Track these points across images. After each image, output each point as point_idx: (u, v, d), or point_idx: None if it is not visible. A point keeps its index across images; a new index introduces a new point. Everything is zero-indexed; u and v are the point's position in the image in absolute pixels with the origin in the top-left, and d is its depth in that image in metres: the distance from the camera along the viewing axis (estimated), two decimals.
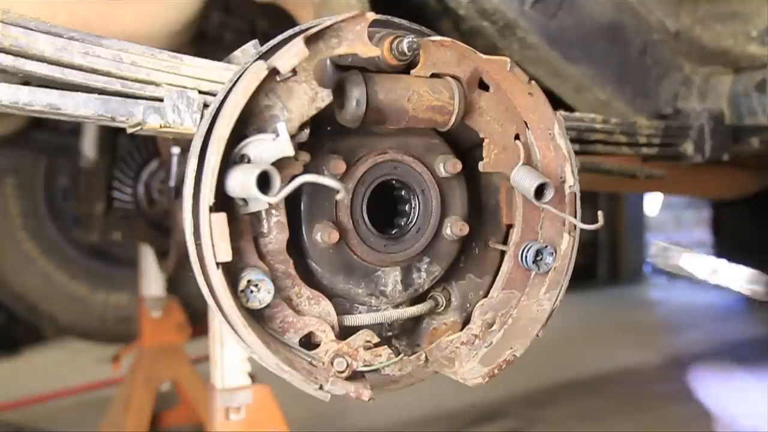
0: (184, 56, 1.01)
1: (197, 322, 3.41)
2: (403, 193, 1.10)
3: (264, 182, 0.83)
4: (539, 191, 1.04)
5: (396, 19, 1.06)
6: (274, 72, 0.90)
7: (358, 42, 0.96)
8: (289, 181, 0.84)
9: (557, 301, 1.08)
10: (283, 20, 1.97)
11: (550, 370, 4.57)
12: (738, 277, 0.98)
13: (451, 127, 1.05)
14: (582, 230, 1.11)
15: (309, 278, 1.02)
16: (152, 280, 3.43)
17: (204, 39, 2.51)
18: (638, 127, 1.75)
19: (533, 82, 1.07)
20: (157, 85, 0.98)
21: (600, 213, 1.01)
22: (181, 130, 0.99)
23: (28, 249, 3.87)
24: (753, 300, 0.96)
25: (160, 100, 0.98)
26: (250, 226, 0.96)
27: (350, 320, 1.04)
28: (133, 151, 3.27)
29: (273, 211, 0.96)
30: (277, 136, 0.90)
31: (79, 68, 0.94)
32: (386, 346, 1.03)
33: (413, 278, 1.10)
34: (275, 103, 0.93)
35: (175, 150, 2.51)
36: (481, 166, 1.09)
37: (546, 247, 1.10)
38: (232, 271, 0.92)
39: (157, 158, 3.19)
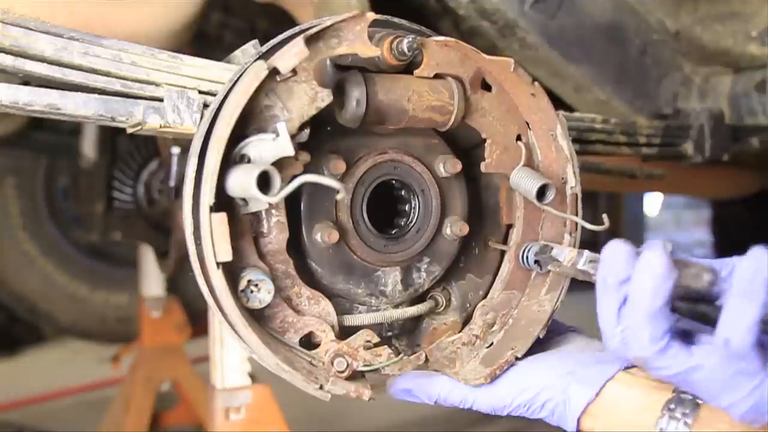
0: (184, 56, 1.01)
1: (197, 322, 3.41)
2: (403, 193, 1.10)
3: (264, 182, 0.83)
4: (541, 192, 1.04)
5: (396, 19, 1.06)
6: (274, 72, 0.91)
7: (358, 42, 0.96)
8: (289, 181, 0.84)
9: (558, 301, 1.08)
10: (283, 20, 1.97)
11: None
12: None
13: (451, 127, 1.05)
14: (582, 230, 1.11)
15: (309, 278, 1.02)
16: (152, 280, 3.43)
17: (204, 39, 2.51)
18: (638, 127, 1.75)
19: (536, 83, 1.07)
20: (157, 85, 0.98)
21: (605, 216, 1.01)
22: (181, 130, 0.99)
23: (28, 249, 3.87)
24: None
25: (160, 100, 0.98)
26: (250, 226, 0.96)
27: (350, 320, 1.04)
28: (133, 151, 3.27)
29: (273, 211, 0.96)
30: (277, 136, 0.90)
31: (79, 68, 0.94)
32: (386, 346, 1.03)
33: (413, 278, 1.10)
34: (275, 103, 0.93)
35: (175, 150, 2.51)
36: (483, 167, 1.09)
37: (546, 245, 1.10)
38: (232, 271, 0.92)
39: (157, 158, 3.19)
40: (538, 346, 1.06)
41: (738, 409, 0.79)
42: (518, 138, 1.11)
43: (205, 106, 1.00)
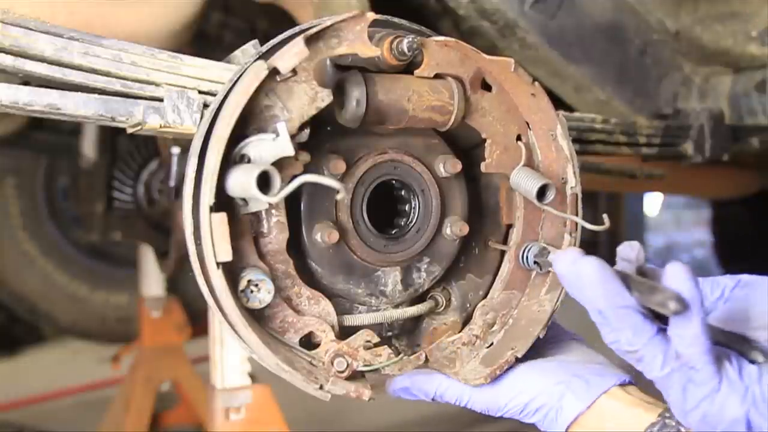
0: (184, 56, 1.01)
1: (197, 322, 3.41)
2: (403, 193, 1.10)
3: (264, 182, 0.83)
4: (541, 192, 1.04)
5: (396, 19, 1.06)
6: (274, 72, 0.91)
7: (358, 42, 0.96)
8: (289, 181, 0.84)
9: (558, 301, 1.08)
10: (283, 20, 1.97)
11: None
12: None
13: (451, 127, 1.05)
14: (582, 230, 1.11)
15: (309, 278, 1.02)
16: (152, 280, 3.43)
17: (204, 39, 2.51)
18: (638, 127, 1.75)
19: (536, 82, 1.07)
20: (157, 85, 0.98)
21: (605, 216, 1.01)
22: (181, 130, 0.99)
23: (28, 249, 3.87)
24: None
25: (160, 100, 0.98)
26: (250, 226, 0.96)
27: (350, 320, 1.04)
28: (133, 151, 3.27)
29: (273, 211, 0.96)
30: (277, 136, 0.90)
31: (79, 68, 0.94)
32: (386, 346, 1.03)
33: (413, 278, 1.10)
34: (275, 103, 0.93)
35: (175, 150, 2.51)
36: (483, 167, 1.09)
37: (545, 248, 1.10)
38: (232, 271, 0.92)
39: (157, 158, 3.19)
40: (540, 350, 1.07)
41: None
42: (518, 138, 1.11)
43: (205, 106, 1.00)
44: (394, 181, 1.08)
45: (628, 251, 0.92)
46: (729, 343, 0.87)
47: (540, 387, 0.99)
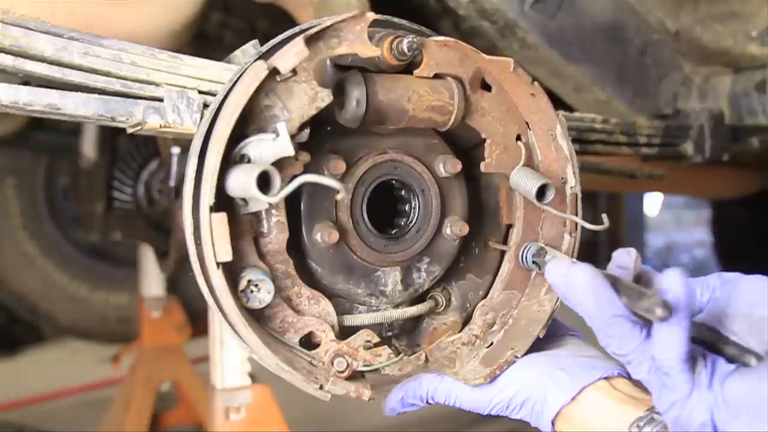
0: (184, 56, 1.01)
1: (197, 322, 3.41)
2: (403, 193, 1.10)
3: (264, 182, 0.83)
4: (540, 192, 1.04)
5: (396, 19, 1.06)
6: (274, 72, 0.91)
7: (358, 42, 0.96)
8: (289, 181, 0.84)
9: (558, 301, 1.08)
10: (283, 20, 1.97)
11: None
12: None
13: (451, 127, 1.05)
14: (582, 230, 1.11)
15: (309, 278, 1.02)
16: (152, 280, 3.43)
17: (204, 39, 2.51)
18: (638, 127, 1.75)
19: (536, 82, 1.07)
20: (157, 85, 0.98)
21: (604, 216, 1.01)
22: (181, 130, 0.99)
23: (28, 249, 3.87)
24: None
25: (160, 100, 0.98)
26: (250, 226, 0.96)
27: (350, 320, 1.04)
28: (133, 151, 3.27)
29: (273, 211, 0.96)
30: (277, 136, 0.90)
31: (79, 68, 0.94)
32: (386, 346, 1.03)
33: (413, 278, 1.10)
34: (275, 103, 0.93)
35: (175, 150, 2.51)
36: (483, 167, 1.09)
37: (542, 248, 1.10)
38: (232, 271, 0.92)
39: (157, 158, 3.19)
40: (535, 346, 1.07)
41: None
42: (518, 138, 1.11)
43: (205, 106, 1.00)
44: (394, 181, 1.08)
45: (625, 258, 0.93)
46: (721, 346, 0.88)
47: (525, 380, 0.99)
